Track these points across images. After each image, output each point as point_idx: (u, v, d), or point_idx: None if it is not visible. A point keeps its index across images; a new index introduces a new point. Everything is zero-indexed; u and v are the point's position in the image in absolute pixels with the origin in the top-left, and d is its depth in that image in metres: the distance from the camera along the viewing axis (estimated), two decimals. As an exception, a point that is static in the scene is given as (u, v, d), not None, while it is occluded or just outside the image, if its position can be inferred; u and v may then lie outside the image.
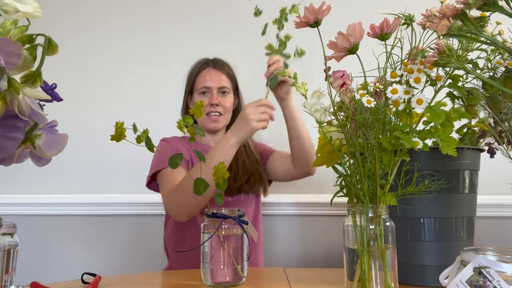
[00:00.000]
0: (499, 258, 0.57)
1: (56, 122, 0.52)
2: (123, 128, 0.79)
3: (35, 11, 0.44)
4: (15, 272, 0.79)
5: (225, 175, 0.82)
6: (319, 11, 0.72)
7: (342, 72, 0.74)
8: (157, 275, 1.06)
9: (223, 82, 1.34)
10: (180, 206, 1.16)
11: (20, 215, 1.60)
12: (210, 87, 1.33)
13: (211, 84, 1.33)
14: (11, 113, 0.41)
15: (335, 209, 1.57)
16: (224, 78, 1.35)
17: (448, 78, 0.69)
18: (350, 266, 0.72)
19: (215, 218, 0.85)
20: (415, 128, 0.70)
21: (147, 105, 1.67)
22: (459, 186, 0.87)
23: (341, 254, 0.75)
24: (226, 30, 1.70)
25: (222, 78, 1.35)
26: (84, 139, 1.64)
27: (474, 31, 0.58)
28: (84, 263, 1.61)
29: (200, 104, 0.83)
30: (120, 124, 0.79)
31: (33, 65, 0.45)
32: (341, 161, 0.75)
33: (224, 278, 0.84)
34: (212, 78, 1.33)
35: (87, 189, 1.63)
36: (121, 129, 0.79)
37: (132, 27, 1.71)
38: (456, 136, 0.96)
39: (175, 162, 0.82)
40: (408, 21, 0.74)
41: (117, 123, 0.79)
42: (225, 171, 0.82)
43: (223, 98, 1.34)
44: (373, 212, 0.70)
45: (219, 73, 1.35)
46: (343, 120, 0.74)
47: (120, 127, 0.79)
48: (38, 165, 0.52)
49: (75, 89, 1.67)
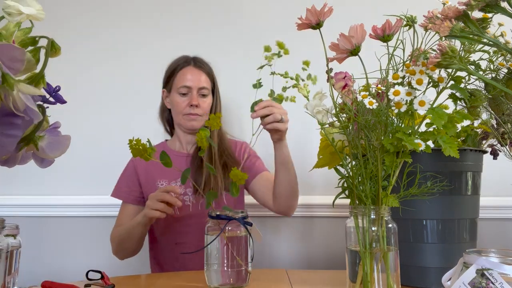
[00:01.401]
0: (502, 260, 0.57)
1: (59, 124, 0.52)
2: (143, 144, 0.78)
3: (38, 13, 0.44)
4: (18, 273, 0.79)
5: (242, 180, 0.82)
6: (321, 13, 0.72)
7: (344, 74, 0.74)
8: (160, 276, 1.06)
9: (203, 83, 1.32)
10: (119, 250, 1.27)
11: (23, 216, 1.61)
12: (190, 87, 1.31)
13: (192, 84, 1.31)
14: (8, 110, 0.41)
15: (337, 211, 1.57)
16: (204, 78, 1.33)
17: (450, 80, 0.69)
18: (353, 268, 0.72)
19: (219, 220, 0.85)
20: (417, 129, 0.69)
21: (152, 108, 1.67)
22: (461, 187, 0.87)
23: (343, 256, 0.75)
24: (228, 34, 1.70)
25: (202, 78, 1.33)
26: (86, 141, 1.65)
27: (476, 32, 0.58)
28: (87, 265, 1.61)
29: (217, 116, 0.84)
30: (136, 141, 0.78)
31: (36, 67, 0.45)
32: (343, 162, 0.75)
33: (228, 280, 0.84)
34: (193, 77, 1.31)
35: (90, 191, 1.64)
36: (141, 145, 0.78)
37: (134, 30, 1.72)
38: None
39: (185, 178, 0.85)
40: (410, 22, 0.74)
41: (130, 140, 0.78)
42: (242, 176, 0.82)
43: (203, 99, 1.32)
44: (376, 213, 0.70)
45: (200, 73, 1.33)
46: (345, 121, 0.74)
47: (138, 143, 0.78)
48: (41, 166, 0.52)
49: (77, 91, 1.67)
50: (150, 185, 1.32)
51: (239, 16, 1.70)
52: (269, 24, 1.68)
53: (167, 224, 1.27)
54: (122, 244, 1.22)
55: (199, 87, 1.31)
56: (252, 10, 1.70)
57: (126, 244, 1.21)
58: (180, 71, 1.33)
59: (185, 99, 1.31)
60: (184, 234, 1.27)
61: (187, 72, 1.32)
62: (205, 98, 1.33)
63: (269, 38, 1.69)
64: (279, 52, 0.92)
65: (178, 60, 1.36)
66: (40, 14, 0.44)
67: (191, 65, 1.34)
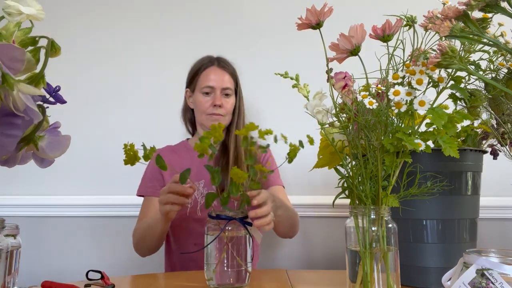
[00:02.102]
0: (502, 260, 0.57)
1: (59, 124, 0.52)
2: (135, 151, 0.76)
3: (38, 13, 0.44)
4: (18, 273, 0.79)
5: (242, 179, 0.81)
6: (321, 13, 0.72)
7: (344, 74, 0.74)
8: (160, 276, 1.06)
9: (226, 83, 1.33)
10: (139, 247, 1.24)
11: (23, 216, 1.61)
12: (214, 87, 1.32)
13: (215, 84, 1.32)
14: (8, 111, 0.41)
15: (337, 211, 1.57)
16: (227, 78, 1.34)
17: (450, 80, 0.69)
18: (353, 268, 0.72)
19: (220, 220, 0.85)
20: (417, 129, 0.69)
21: (152, 108, 1.68)
22: (461, 187, 0.87)
23: (343, 256, 0.75)
24: (228, 34, 1.70)
25: (226, 78, 1.34)
26: (86, 141, 1.65)
27: (477, 32, 0.58)
28: (87, 265, 1.61)
29: (219, 127, 0.82)
30: (130, 146, 0.76)
31: (36, 67, 0.45)
32: (343, 162, 0.75)
33: (228, 279, 0.84)
34: (216, 77, 1.33)
35: (89, 191, 1.64)
36: (133, 151, 0.75)
37: (134, 30, 1.72)
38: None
39: (185, 178, 0.84)
40: (410, 22, 0.74)
41: (125, 145, 0.76)
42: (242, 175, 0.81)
43: (226, 100, 1.33)
44: (376, 213, 0.70)
45: (224, 73, 1.34)
46: (345, 121, 0.74)
47: (131, 149, 0.75)
48: (41, 166, 0.52)
49: (78, 91, 1.67)
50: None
51: (239, 16, 1.70)
52: (269, 24, 1.68)
53: (186, 225, 1.27)
54: (144, 240, 1.21)
55: (223, 87, 1.32)
56: (252, 10, 1.70)
57: (147, 240, 1.20)
58: (204, 71, 1.34)
59: (209, 98, 1.32)
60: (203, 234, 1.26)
61: (211, 72, 1.33)
62: (228, 98, 1.34)
63: (269, 38, 1.70)
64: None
65: (202, 60, 1.37)
66: (40, 14, 0.44)
67: (215, 65, 1.35)
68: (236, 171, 0.82)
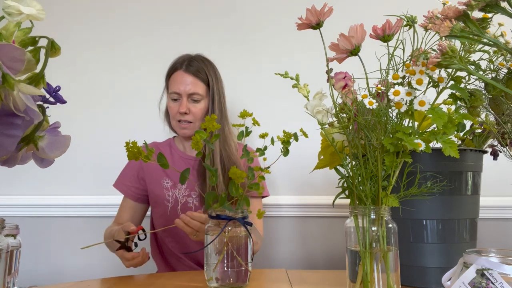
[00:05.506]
0: (502, 260, 0.57)
1: (59, 124, 0.52)
2: (138, 147, 0.78)
3: (39, 13, 0.44)
4: (18, 273, 0.79)
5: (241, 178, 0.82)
6: (321, 13, 0.72)
7: (344, 74, 0.74)
8: (160, 276, 1.06)
9: (194, 89, 1.27)
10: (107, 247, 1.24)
11: (23, 216, 1.61)
12: (179, 93, 1.27)
13: (180, 90, 1.26)
14: (8, 111, 0.41)
15: (337, 211, 1.57)
16: (194, 83, 1.27)
17: (450, 80, 0.69)
18: (352, 268, 0.72)
19: (220, 220, 0.85)
20: (417, 129, 0.69)
21: (150, 107, 1.67)
22: (461, 187, 0.87)
23: (343, 256, 0.75)
24: (227, 34, 1.70)
25: (192, 84, 1.27)
26: (86, 141, 1.65)
27: (477, 32, 0.58)
28: (87, 265, 1.62)
29: (212, 118, 0.83)
30: (133, 143, 0.78)
31: (37, 67, 0.45)
32: (343, 162, 0.75)
33: (228, 279, 0.84)
34: (182, 83, 1.27)
35: (89, 191, 1.64)
36: (136, 148, 0.77)
37: (134, 30, 1.72)
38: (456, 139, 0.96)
39: (185, 178, 0.84)
40: (410, 22, 0.74)
41: (127, 143, 0.78)
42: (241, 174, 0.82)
43: (193, 105, 1.28)
44: (376, 213, 0.70)
45: (190, 77, 1.27)
46: (345, 121, 0.74)
47: (134, 146, 0.77)
48: (41, 166, 0.52)
49: (78, 91, 1.67)
50: (155, 182, 1.32)
51: (239, 16, 1.70)
52: (269, 24, 1.68)
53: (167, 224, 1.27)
54: (108, 246, 1.22)
55: (189, 93, 1.27)
56: (252, 10, 1.70)
57: (110, 248, 1.21)
58: (172, 76, 1.30)
59: (176, 104, 1.29)
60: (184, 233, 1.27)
61: (177, 77, 1.28)
62: (196, 104, 1.28)
63: (269, 38, 1.70)
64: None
65: (174, 63, 1.32)
66: (40, 14, 0.44)
67: (182, 69, 1.28)
68: (234, 170, 0.82)
